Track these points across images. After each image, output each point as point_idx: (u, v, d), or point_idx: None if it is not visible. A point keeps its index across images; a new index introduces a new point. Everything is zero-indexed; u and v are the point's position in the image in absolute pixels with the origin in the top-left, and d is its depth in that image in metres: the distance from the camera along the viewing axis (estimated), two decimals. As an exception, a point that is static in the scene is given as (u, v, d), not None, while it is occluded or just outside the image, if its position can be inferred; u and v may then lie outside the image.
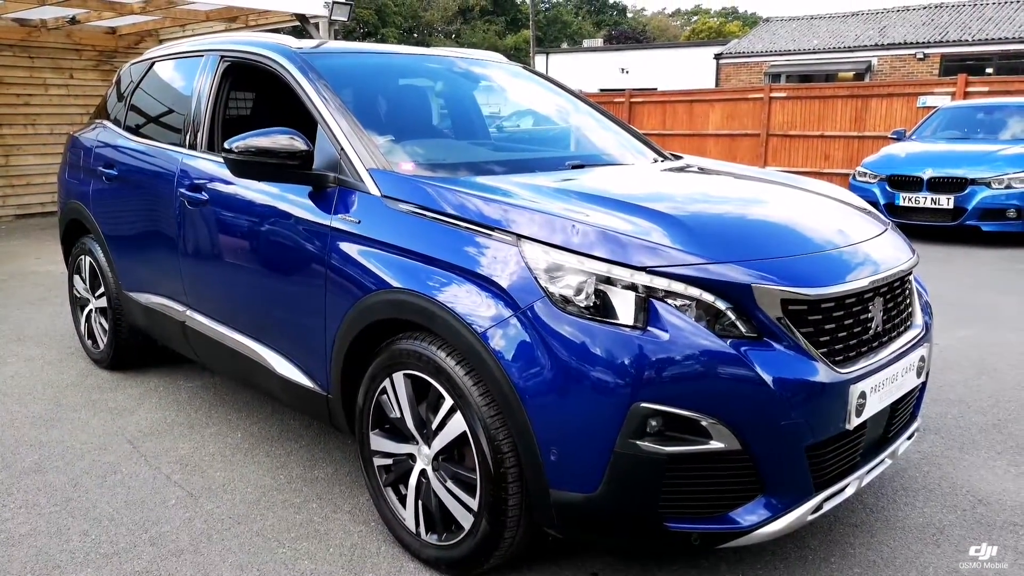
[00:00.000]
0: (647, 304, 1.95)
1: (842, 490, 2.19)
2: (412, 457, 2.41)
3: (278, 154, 2.58)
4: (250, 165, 2.63)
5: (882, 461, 2.37)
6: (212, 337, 3.25)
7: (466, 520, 2.24)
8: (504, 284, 2.07)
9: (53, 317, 5.49)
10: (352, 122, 2.71)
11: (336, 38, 10.14)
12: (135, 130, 3.90)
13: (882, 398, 2.23)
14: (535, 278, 2.04)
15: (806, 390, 1.98)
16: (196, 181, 3.22)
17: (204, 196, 3.15)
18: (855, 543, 2.54)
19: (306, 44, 3.14)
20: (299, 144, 2.59)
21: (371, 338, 2.49)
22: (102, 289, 4.14)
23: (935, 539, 2.57)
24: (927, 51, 22.41)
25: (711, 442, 1.93)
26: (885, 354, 2.25)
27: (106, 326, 4.19)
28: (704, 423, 1.92)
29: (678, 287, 1.96)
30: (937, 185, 8.41)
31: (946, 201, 8.32)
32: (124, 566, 2.46)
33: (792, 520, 2.04)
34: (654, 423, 1.92)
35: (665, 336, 1.92)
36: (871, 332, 2.24)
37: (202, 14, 10.08)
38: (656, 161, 3.32)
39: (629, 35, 54.26)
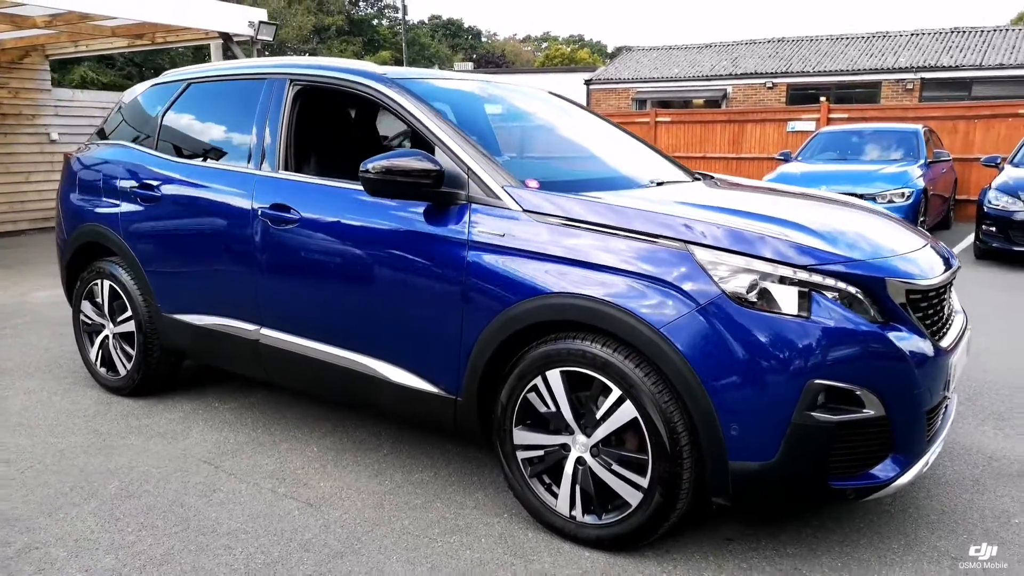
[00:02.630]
0: (809, 296, 2.33)
1: (935, 448, 2.65)
2: (565, 447, 2.65)
3: (414, 173, 2.76)
4: (386, 184, 2.79)
5: (947, 425, 2.86)
6: (299, 353, 3.31)
7: (633, 497, 2.51)
8: (680, 284, 2.38)
9: (25, 348, 5.18)
10: (473, 143, 2.92)
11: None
12: (177, 151, 3.86)
13: (959, 370, 2.72)
14: (710, 277, 2.36)
15: (929, 362, 2.43)
16: (281, 201, 3.28)
17: (294, 216, 3.23)
18: (919, 497, 3.02)
19: (389, 71, 3.31)
20: (432, 165, 2.78)
21: (513, 341, 2.72)
22: (128, 313, 4.03)
23: (976, 488, 3.10)
24: (775, 81, 24.63)
25: (864, 410, 2.33)
26: (954, 334, 2.74)
27: (130, 351, 4.08)
28: (859, 393, 2.32)
29: (830, 281, 2.35)
30: (831, 200, 9.44)
31: (838, 215, 9.34)
32: (293, 570, 2.53)
33: (914, 473, 2.47)
34: (821, 397, 2.30)
35: (828, 322, 2.30)
36: (945, 317, 2.74)
37: (107, 30, 9.66)
38: (697, 179, 3.73)
39: (490, 59, 55.51)
